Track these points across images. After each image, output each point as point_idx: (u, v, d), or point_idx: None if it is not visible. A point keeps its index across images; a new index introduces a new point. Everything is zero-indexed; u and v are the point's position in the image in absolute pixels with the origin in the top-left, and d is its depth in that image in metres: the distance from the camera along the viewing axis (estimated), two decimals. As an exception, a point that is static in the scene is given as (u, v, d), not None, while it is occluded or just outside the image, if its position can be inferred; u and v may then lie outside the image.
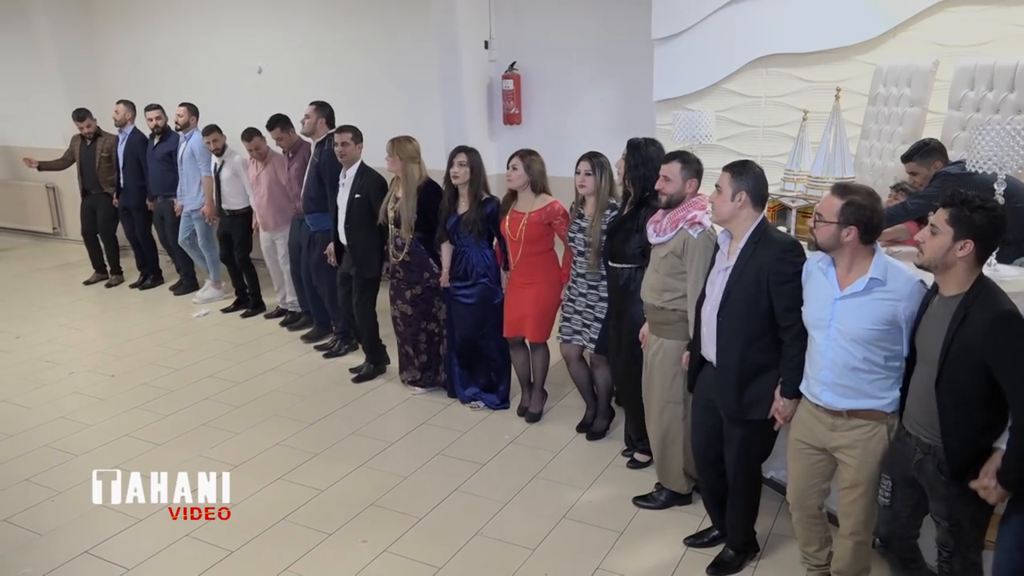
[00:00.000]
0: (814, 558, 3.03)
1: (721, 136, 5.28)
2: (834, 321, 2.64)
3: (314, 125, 5.53)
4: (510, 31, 6.62)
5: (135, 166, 7.42)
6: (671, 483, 3.71)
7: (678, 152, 3.51)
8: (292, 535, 3.59)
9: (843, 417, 2.69)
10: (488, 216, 4.50)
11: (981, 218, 2.30)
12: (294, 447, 4.43)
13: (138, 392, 5.22)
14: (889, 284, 2.57)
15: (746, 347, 2.94)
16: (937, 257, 2.36)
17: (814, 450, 2.82)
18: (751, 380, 2.96)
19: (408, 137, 4.82)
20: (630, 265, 3.81)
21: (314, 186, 5.55)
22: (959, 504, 2.41)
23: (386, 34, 7.13)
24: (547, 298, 4.42)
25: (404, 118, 6.87)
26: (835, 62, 4.97)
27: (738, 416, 3.02)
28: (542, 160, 4.41)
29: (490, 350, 4.73)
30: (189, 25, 8.30)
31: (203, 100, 7.43)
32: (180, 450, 4.40)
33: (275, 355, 5.85)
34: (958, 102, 4.10)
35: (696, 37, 5.41)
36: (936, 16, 4.61)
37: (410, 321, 4.94)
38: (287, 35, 7.70)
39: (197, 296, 7.33)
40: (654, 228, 3.51)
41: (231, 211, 6.64)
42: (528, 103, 6.67)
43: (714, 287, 3.05)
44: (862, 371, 2.62)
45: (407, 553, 3.45)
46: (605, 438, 4.39)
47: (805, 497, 2.91)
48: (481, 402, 4.85)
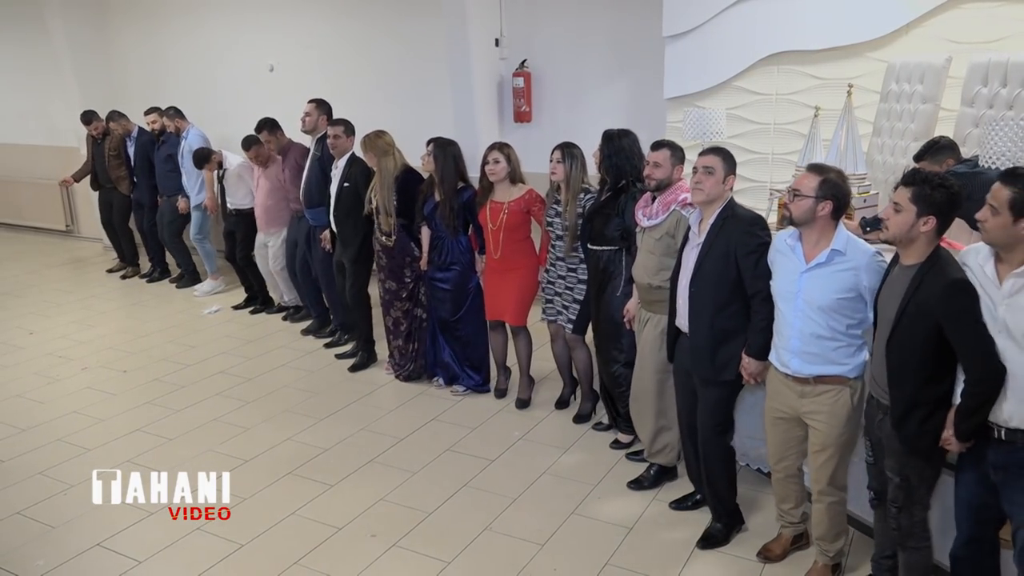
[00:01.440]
0: (788, 515, 3.27)
1: (732, 134, 5.26)
2: (800, 292, 2.85)
3: (315, 122, 5.67)
4: (521, 29, 6.62)
5: (146, 165, 7.63)
6: (662, 457, 3.87)
7: (666, 140, 3.70)
8: (302, 529, 3.61)
9: (811, 384, 2.90)
10: (464, 204, 4.65)
11: (941, 195, 2.48)
12: (304, 442, 4.44)
13: (150, 388, 5.26)
14: (848, 255, 2.78)
15: (716, 314, 3.18)
16: (902, 232, 2.53)
17: (788, 418, 3.04)
18: (722, 344, 3.19)
19: (379, 132, 5.01)
20: (610, 247, 4.01)
21: (317, 181, 5.65)
22: (909, 461, 2.62)
23: (397, 32, 7.14)
24: (527, 283, 4.63)
25: (414, 116, 6.89)
26: (847, 59, 4.94)
27: (711, 377, 3.25)
28: (515, 152, 4.59)
29: (468, 334, 4.90)
30: (202, 26, 8.35)
31: (215, 99, 7.49)
32: (191, 445, 4.43)
33: (285, 352, 5.88)
34: (971, 99, 4.08)
35: (707, 34, 5.39)
36: (949, 13, 4.58)
37: (410, 315, 5.10)
38: (298, 34, 7.73)
39: (198, 289, 7.48)
40: (643, 213, 3.71)
41: (237, 209, 6.73)
42: (538, 101, 6.68)
43: (687, 261, 3.29)
44: (826, 339, 2.83)
45: (416, 548, 3.46)
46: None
47: (783, 458, 3.15)
48: (461, 386, 4.99)
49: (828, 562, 3.14)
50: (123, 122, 7.63)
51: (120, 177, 7.80)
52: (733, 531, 3.46)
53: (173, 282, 7.81)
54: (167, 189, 7.43)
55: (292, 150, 6.04)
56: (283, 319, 6.60)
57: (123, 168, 7.77)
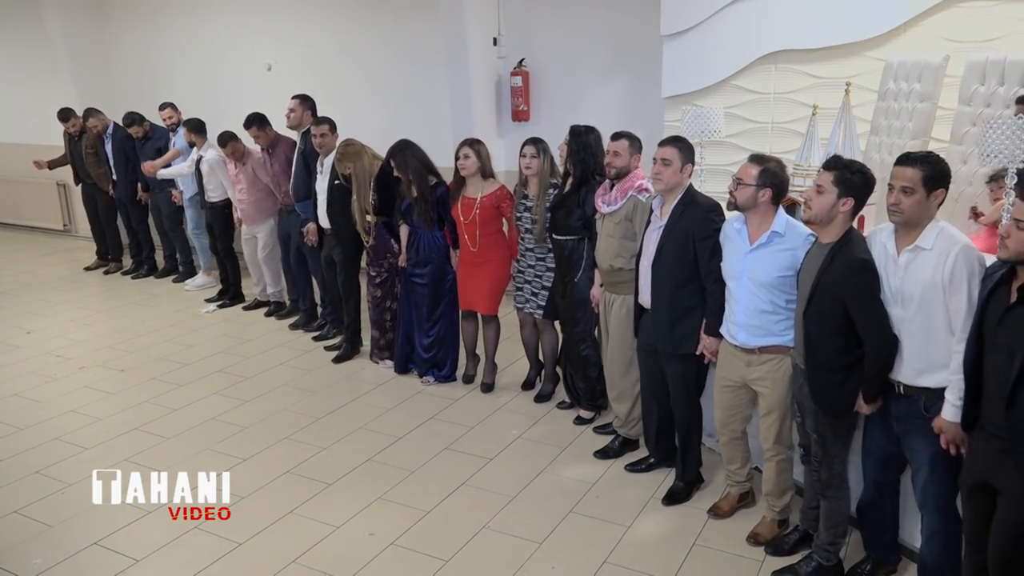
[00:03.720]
0: (736, 475, 3.58)
1: (730, 132, 5.26)
2: (745, 271, 3.14)
3: (300, 118, 5.77)
4: (519, 27, 6.62)
5: (124, 161, 7.65)
6: (633, 430, 4.15)
7: (624, 131, 3.91)
8: (300, 528, 3.61)
9: (756, 354, 3.19)
10: (438, 200, 4.81)
11: (859, 179, 2.76)
12: (302, 441, 4.44)
13: (147, 387, 5.25)
14: (787, 236, 3.07)
15: (675, 292, 3.48)
16: (823, 212, 2.79)
17: (735, 385, 3.33)
18: (680, 319, 3.50)
19: (346, 141, 5.19)
20: (573, 237, 4.25)
21: (302, 175, 5.74)
22: (825, 421, 2.91)
23: (395, 31, 7.14)
24: (500, 274, 4.81)
25: (412, 115, 6.89)
26: (845, 58, 4.94)
27: (672, 350, 3.57)
28: (486, 147, 4.74)
29: (442, 327, 5.08)
30: (200, 25, 8.34)
31: (213, 98, 7.48)
32: (189, 444, 4.43)
33: (283, 351, 5.88)
34: (968, 97, 4.08)
35: (705, 33, 5.39)
36: (946, 12, 4.58)
37: (377, 303, 5.29)
38: (296, 33, 7.72)
39: (188, 284, 7.59)
40: (603, 200, 3.95)
41: (211, 203, 6.83)
42: (537, 100, 6.68)
43: (650, 243, 3.58)
44: (768, 313, 3.12)
45: (414, 546, 3.45)
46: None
47: (729, 423, 3.44)
48: (431, 376, 5.15)
49: (776, 517, 3.42)
50: (101, 118, 7.62)
51: (100, 174, 7.84)
52: (694, 488, 3.79)
53: (161, 277, 7.91)
54: (156, 182, 7.45)
55: (281, 144, 6.10)
56: (266, 315, 6.67)
57: (101, 166, 7.80)
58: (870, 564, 3.10)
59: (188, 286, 7.56)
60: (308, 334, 6.14)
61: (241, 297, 7.04)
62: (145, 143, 7.43)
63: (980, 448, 2.45)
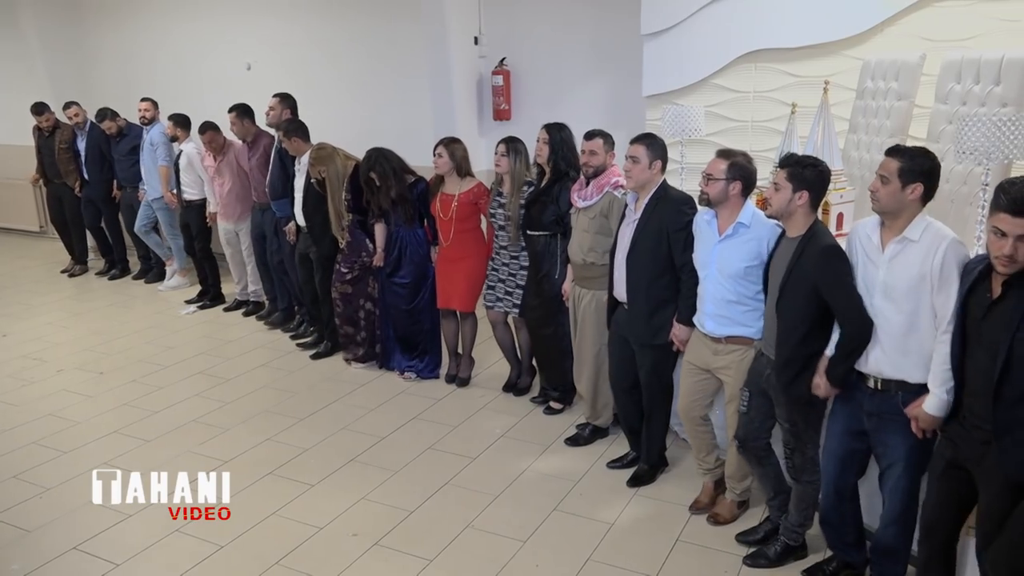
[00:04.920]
0: (704, 463, 3.66)
1: (710, 131, 5.28)
2: (714, 261, 3.26)
3: (279, 116, 5.77)
4: (500, 26, 6.62)
5: (99, 159, 7.57)
6: (600, 419, 4.27)
7: (598, 130, 4.01)
8: (283, 529, 3.59)
9: (722, 343, 3.31)
10: (418, 196, 4.91)
11: (811, 173, 2.88)
12: (284, 442, 4.41)
13: (127, 389, 5.20)
14: (753, 227, 3.18)
15: (650, 284, 3.58)
16: (782, 207, 2.92)
17: (700, 370, 3.44)
18: (655, 311, 3.60)
19: (320, 145, 5.24)
20: (546, 233, 4.35)
21: (278, 173, 5.74)
22: (796, 408, 2.99)
23: (375, 30, 7.10)
24: (477, 270, 4.86)
25: (393, 114, 6.87)
26: (823, 57, 4.98)
27: (648, 342, 3.65)
28: (464, 147, 4.83)
29: (423, 324, 5.15)
30: (178, 23, 8.26)
31: (192, 97, 7.41)
32: (170, 447, 4.39)
33: (265, 352, 5.84)
34: (945, 95, 4.12)
35: (685, 32, 5.41)
36: (922, 11, 4.63)
37: (349, 299, 5.30)
38: (276, 32, 7.67)
39: (162, 285, 7.53)
40: (579, 195, 4.02)
41: (188, 201, 6.78)
42: (518, 99, 6.68)
43: (624, 237, 3.67)
44: (735, 303, 3.23)
45: (398, 546, 3.44)
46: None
47: (691, 408, 3.54)
48: (412, 372, 5.22)
49: (735, 498, 3.55)
50: (79, 109, 7.49)
51: (70, 171, 7.71)
52: (658, 471, 3.93)
53: (137, 278, 7.83)
54: (129, 180, 7.39)
55: (262, 139, 6.07)
56: (244, 315, 6.65)
57: (73, 163, 7.68)
58: (836, 564, 3.14)
59: (162, 287, 7.51)
60: (286, 334, 6.12)
61: (222, 298, 6.98)
62: (120, 140, 7.36)
63: (961, 437, 2.49)
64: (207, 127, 6.22)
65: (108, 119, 7.26)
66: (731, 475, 3.52)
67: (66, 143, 7.65)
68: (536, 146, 4.41)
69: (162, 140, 6.94)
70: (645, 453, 3.91)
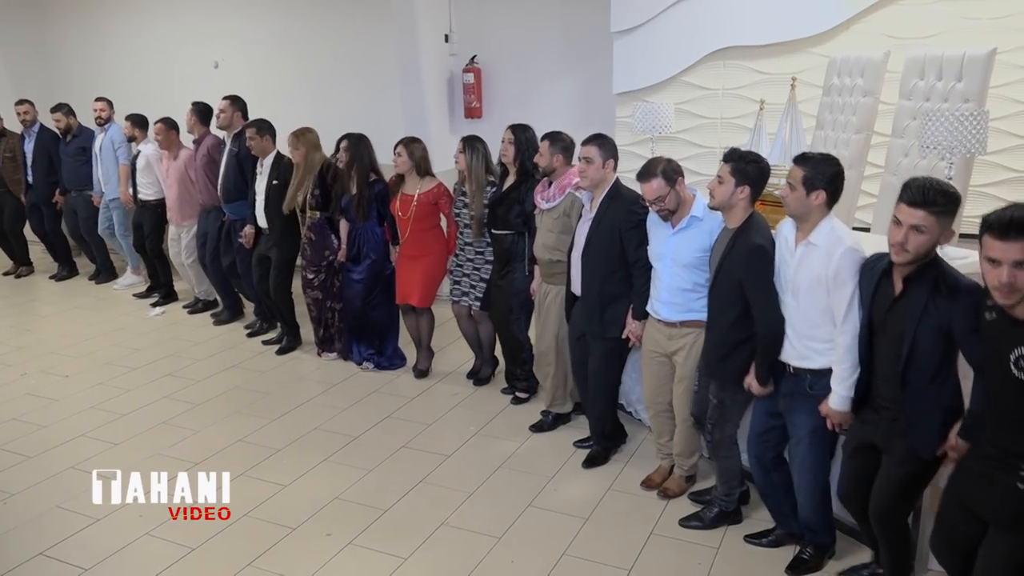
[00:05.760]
0: (664, 447, 3.81)
1: (680, 128, 5.34)
2: (668, 252, 3.42)
3: (230, 119, 5.75)
4: (470, 24, 6.61)
5: (46, 163, 7.46)
6: (562, 406, 4.42)
7: (549, 133, 4.14)
8: (255, 531, 3.55)
9: (676, 327, 3.46)
10: (376, 196, 4.97)
11: (754, 169, 3.02)
12: (256, 443, 4.37)
13: (94, 392, 5.10)
14: (704, 220, 3.34)
15: (604, 280, 3.71)
16: (724, 200, 3.06)
17: (659, 356, 3.59)
18: (608, 305, 3.74)
19: (308, 128, 5.23)
20: (512, 231, 4.45)
21: (234, 175, 5.73)
22: (724, 386, 3.20)
23: (345, 28, 7.06)
24: (435, 268, 4.99)
25: (364, 112, 6.82)
26: (790, 54, 5.05)
27: (600, 334, 3.79)
28: (424, 147, 4.90)
29: (381, 318, 5.23)
30: (145, 20, 8.15)
31: (158, 95, 7.31)
32: (138, 450, 4.31)
33: (234, 353, 5.77)
34: (909, 92, 4.20)
35: (654, 30, 5.46)
36: (886, 9, 4.72)
37: (320, 304, 5.38)
38: (244, 29, 7.60)
39: (117, 283, 7.49)
40: (542, 196, 4.15)
41: (144, 201, 6.73)
42: (489, 97, 6.68)
43: (580, 235, 3.83)
44: (688, 291, 3.41)
45: (372, 545, 3.42)
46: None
47: (656, 394, 3.69)
48: (371, 363, 5.30)
49: (683, 474, 3.74)
50: (29, 108, 7.34)
51: (15, 180, 7.56)
52: (611, 452, 4.10)
53: (92, 279, 7.72)
54: (75, 183, 7.29)
55: (207, 141, 6.04)
56: (189, 313, 6.65)
57: (19, 171, 7.53)
58: (778, 532, 3.34)
59: (117, 285, 7.45)
60: (245, 330, 6.16)
61: (174, 295, 6.98)
62: (70, 142, 7.25)
63: (871, 418, 2.70)
64: (159, 121, 6.20)
65: (61, 112, 7.15)
66: (680, 452, 3.69)
67: (11, 151, 7.50)
68: (501, 146, 4.45)
69: (122, 139, 6.88)
70: (596, 436, 4.10)
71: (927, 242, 2.40)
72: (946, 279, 2.43)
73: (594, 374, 3.93)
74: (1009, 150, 4.41)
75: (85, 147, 7.20)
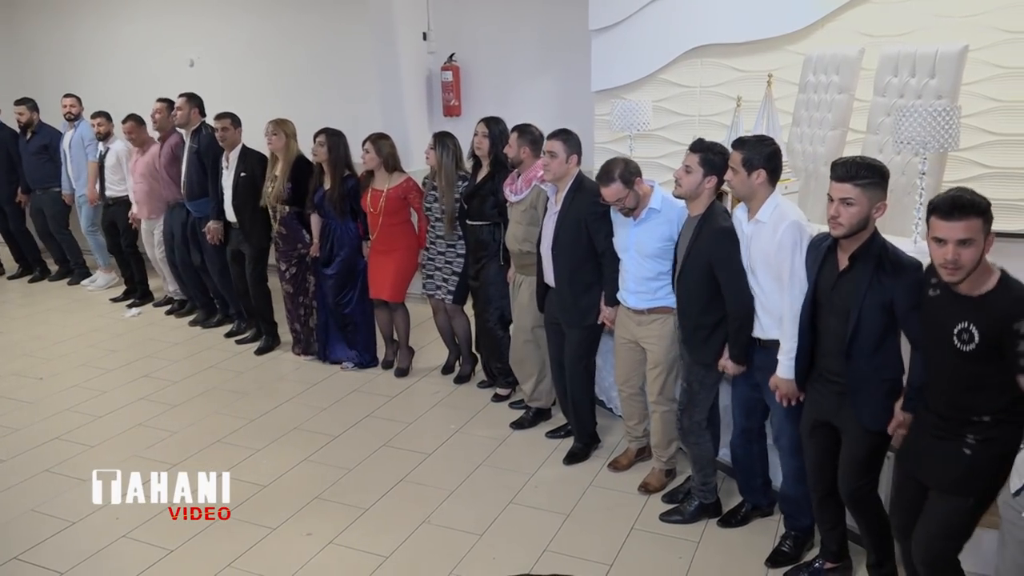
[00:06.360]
0: (634, 430, 3.93)
1: (658, 125, 5.36)
2: (632, 244, 3.53)
3: (187, 116, 5.73)
4: (448, 23, 6.60)
5: (6, 161, 7.36)
6: (540, 401, 4.44)
7: (518, 124, 4.23)
8: (234, 531, 3.51)
9: (645, 314, 3.56)
10: (349, 192, 4.97)
11: (720, 160, 3.12)
12: (235, 443, 4.33)
13: (68, 394, 5.03)
14: (663, 211, 3.46)
15: (574, 271, 3.80)
16: (691, 189, 3.18)
17: (630, 343, 3.69)
18: (581, 295, 3.82)
19: (286, 119, 5.22)
20: (487, 222, 4.51)
21: (196, 172, 5.70)
22: (694, 370, 3.34)
23: (322, 26, 7.02)
24: (406, 263, 5.01)
25: (342, 110, 6.75)
26: (766, 52, 5.08)
27: (576, 323, 3.88)
28: (392, 143, 4.92)
29: (355, 314, 5.22)
30: (118, 18, 8.04)
31: (133, 94, 7.20)
32: (114, 452, 4.27)
33: (212, 353, 5.72)
34: (883, 88, 4.24)
35: (632, 28, 5.47)
36: (861, 7, 4.75)
37: (293, 298, 5.37)
38: (220, 27, 7.53)
39: (88, 283, 7.41)
40: (510, 189, 4.22)
41: (114, 199, 6.67)
42: (467, 95, 6.66)
43: (548, 227, 3.90)
44: (652, 279, 3.51)
45: (353, 544, 3.41)
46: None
47: (628, 378, 3.79)
48: (349, 362, 5.30)
49: (663, 467, 3.77)
50: None
51: None
52: (591, 449, 4.12)
53: (56, 279, 7.63)
54: (39, 182, 7.20)
55: (171, 138, 6.02)
56: (166, 313, 6.58)
57: None
58: (746, 508, 3.47)
59: (88, 285, 7.38)
60: (206, 330, 6.13)
61: (150, 295, 6.91)
62: (30, 139, 7.15)
63: (819, 393, 2.81)
64: (129, 118, 6.16)
65: (25, 106, 7.04)
66: (657, 443, 3.75)
67: None
68: (475, 139, 4.49)
69: (92, 136, 6.81)
70: (576, 432, 4.12)
71: (858, 214, 2.53)
72: (889, 256, 2.56)
73: (571, 364, 4.00)
74: (981, 146, 4.47)
75: (47, 144, 7.12)
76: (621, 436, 4.15)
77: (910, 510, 2.57)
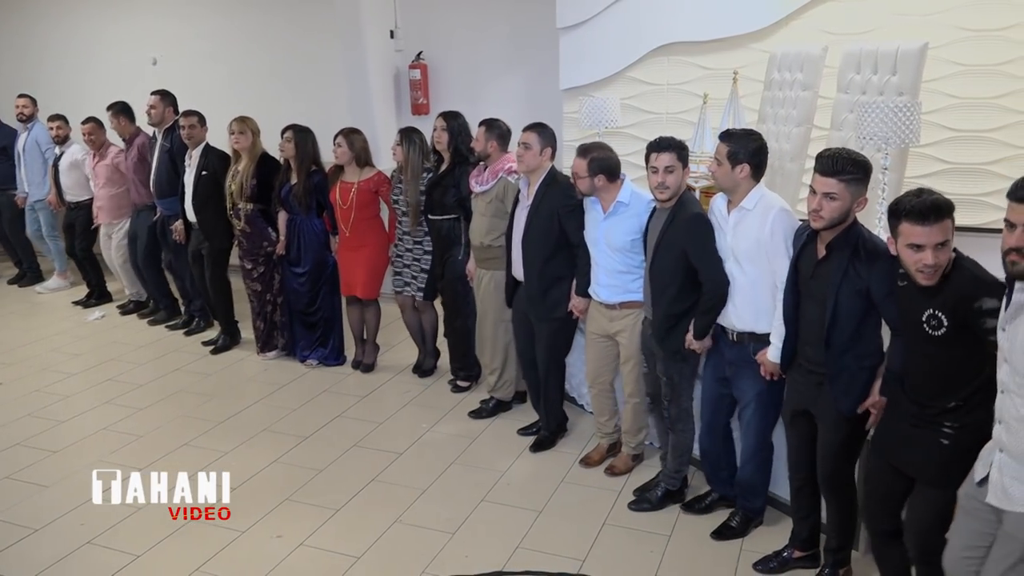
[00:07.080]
0: (604, 427, 3.95)
1: (626, 123, 5.37)
2: (601, 237, 3.56)
3: (161, 114, 5.68)
4: (416, 20, 6.57)
5: None
6: (504, 392, 4.50)
7: (486, 119, 4.26)
8: (202, 534, 3.46)
9: (616, 309, 3.60)
10: (315, 187, 4.95)
11: (684, 155, 3.21)
12: (202, 447, 4.27)
13: (29, 400, 4.93)
14: (631, 205, 3.49)
15: (544, 264, 3.83)
16: (679, 186, 3.23)
17: (602, 338, 3.73)
18: (550, 288, 3.86)
19: (249, 116, 5.20)
20: (449, 216, 4.53)
21: (167, 171, 5.65)
22: (672, 363, 3.37)
23: (288, 24, 6.95)
24: (377, 258, 4.99)
25: (309, 109, 6.69)
26: (732, 50, 5.12)
27: (545, 317, 3.91)
28: (365, 138, 4.93)
29: (324, 311, 5.22)
30: (78, 14, 7.88)
31: (95, 93, 7.07)
32: (78, 456, 4.19)
33: (178, 356, 5.63)
34: (846, 85, 4.29)
35: (600, 26, 5.49)
36: (824, 5, 4.81)
37: (259, 296, 5.32)
38: (183, 25, 7.42)
39: (40, 287, 7.30)
40: (476, 180, 4.24)
41: (75, 203, 6.58)
42: (436, 93, 6.64)
43: (519, 220, 3.92)
44: (623, 273, 3.55)
45: (324, 545, 3.38)
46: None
47: (599, 374, 3.82)
48: (315, 359, 5.29)
49: (631, 452, 3.87)
50: None
51: None
52: (558, 437, 4.18)
53: (15, 282, 7.51)
54: None
55: (138, 139, 5.95)
56: (122, 314, 6.52)
57: None
58: (712, 497, 3.53)
59: (40, 289, 7.25)
60: (172, 331, 6.07)
61: (108, 296, 6.84)
62: None
63: (799, 382, 2.87)
64: (89, 119, 6.08)
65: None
66: (627, 430, 3.84)
67: None
68: (435, 133, 4.52)
69: (48, 140, 6.69)
70: (544, 421, 4.18)
71: (840, 208, 2.56)
72: (865, 244, 2.60)
73: (542, 356, 4.03)
74: (942, 142, 4.55)
75: (4, 146, 6.99)
76: (592, 433, 4.16)
77: (885, 499, 2.61)
